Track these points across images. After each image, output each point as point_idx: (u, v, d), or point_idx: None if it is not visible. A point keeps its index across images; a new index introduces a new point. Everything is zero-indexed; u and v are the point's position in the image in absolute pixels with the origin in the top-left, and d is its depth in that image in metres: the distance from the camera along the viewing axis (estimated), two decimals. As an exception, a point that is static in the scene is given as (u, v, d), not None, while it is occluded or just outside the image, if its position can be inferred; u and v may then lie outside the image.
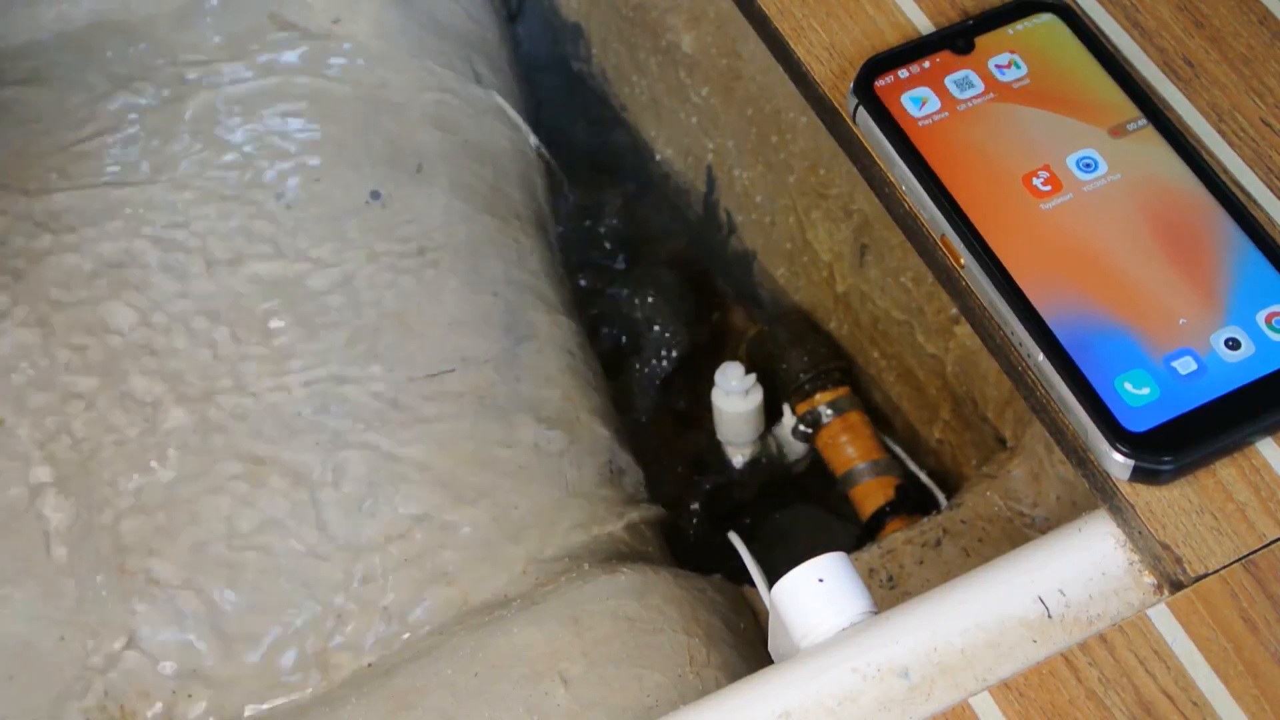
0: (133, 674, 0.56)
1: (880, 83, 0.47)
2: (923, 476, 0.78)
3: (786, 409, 0.83)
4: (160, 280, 0.65)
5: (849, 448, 0.80)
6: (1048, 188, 0.44)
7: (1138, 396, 0.40)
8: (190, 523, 0.59)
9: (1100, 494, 0.41)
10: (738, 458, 0.85)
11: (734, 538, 0.64)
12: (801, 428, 0.82)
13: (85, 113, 0.71)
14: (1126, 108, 0.46)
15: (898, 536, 0.65)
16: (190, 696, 0.56)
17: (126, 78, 0.73)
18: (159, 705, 0.56)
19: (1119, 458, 0.39)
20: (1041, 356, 0.41)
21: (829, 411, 0.81)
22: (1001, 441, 0.73)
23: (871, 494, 0.78)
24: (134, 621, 0.57)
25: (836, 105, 0.48)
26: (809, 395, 0.82)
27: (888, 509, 0.76)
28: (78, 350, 0.63)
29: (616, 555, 0.61)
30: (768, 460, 0.85)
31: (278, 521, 0.59)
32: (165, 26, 0.74)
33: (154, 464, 0.61)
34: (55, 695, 0.56)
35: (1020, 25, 0.48)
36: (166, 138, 0.71)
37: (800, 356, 0.83)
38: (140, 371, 0.63)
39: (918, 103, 0.46)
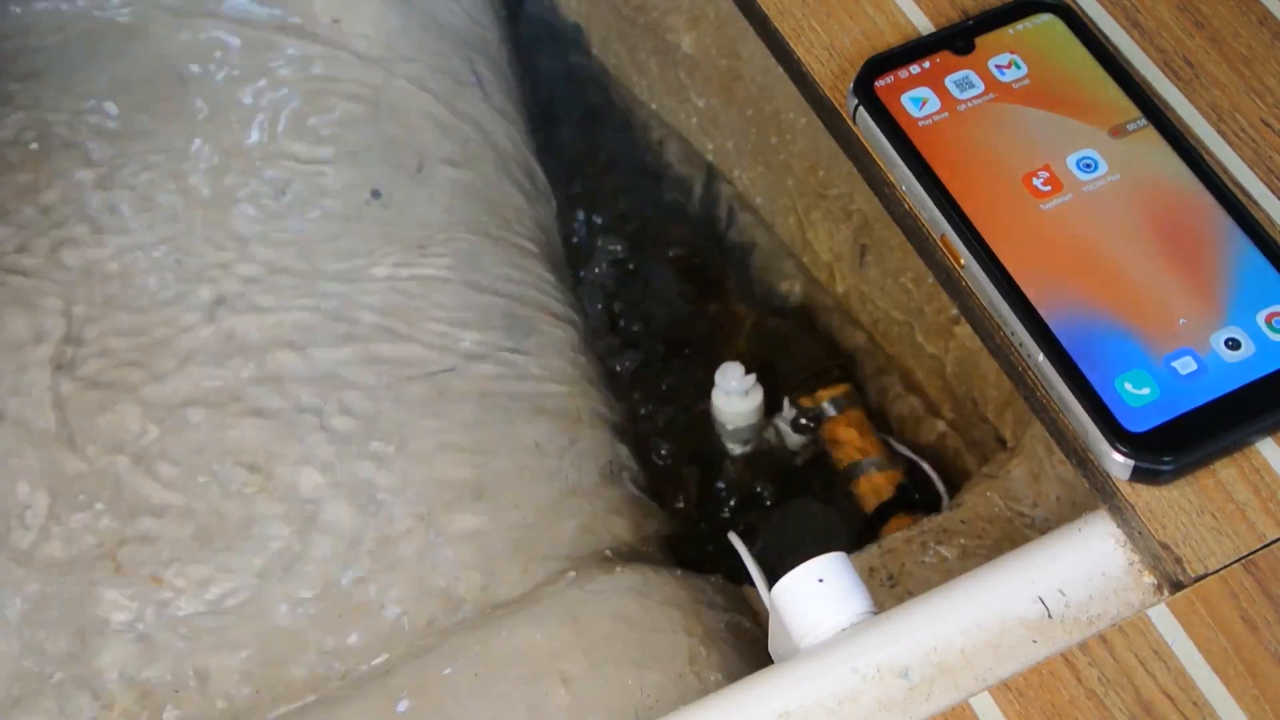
0: (129, 673, 0.56)
1: (880, 83, 0.47)
2: (925, 466, 0.78)
3: (786, 401, 0.84)
4: (158, 277, 0.65)
5: (849, 445, 0.80)
6: (1048, 188, 0.44)
7: (1138, 397, 0.40)
8: (187, 520, 0.59)
9: (1100, 494, 0.41)
10: (738, 457, 0.85)
11: (734, 538, 0.64)
12: (803, 421, 0.82)
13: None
14: (1126, 108, 0.46)
15: (898, 536, 0.65)
16: (188, 696, 0.56)
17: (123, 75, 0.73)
18: (157, 705, 0.56)
19: (1119, 458, 0.39)
20: (1041, 357, 0.41)
21: (829, 409, 0.81)
22: (1001, 441, 0.73)
23: (872, 491, 0.78)
24: (129, 619, 0.57)
25: (836, 105, 0.48)
26: (809, 393, 0.82)
27: (888, 506, 0.76)
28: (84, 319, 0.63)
29: (617, 555, 0.61)
30: (768, 458, 0.85)
31: (276, 520, 0.59)
32: (164, 26, 0.74)
33: (152, 459, 0.61)
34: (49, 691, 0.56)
35: (1020, 25, 0.48)
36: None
37: (800, 356, 0.83)
38: (143, 374, 0.63)
39: (918, 103, 0.46)
